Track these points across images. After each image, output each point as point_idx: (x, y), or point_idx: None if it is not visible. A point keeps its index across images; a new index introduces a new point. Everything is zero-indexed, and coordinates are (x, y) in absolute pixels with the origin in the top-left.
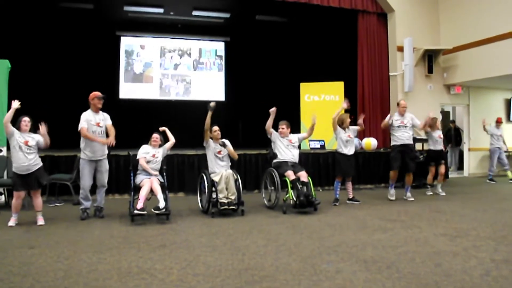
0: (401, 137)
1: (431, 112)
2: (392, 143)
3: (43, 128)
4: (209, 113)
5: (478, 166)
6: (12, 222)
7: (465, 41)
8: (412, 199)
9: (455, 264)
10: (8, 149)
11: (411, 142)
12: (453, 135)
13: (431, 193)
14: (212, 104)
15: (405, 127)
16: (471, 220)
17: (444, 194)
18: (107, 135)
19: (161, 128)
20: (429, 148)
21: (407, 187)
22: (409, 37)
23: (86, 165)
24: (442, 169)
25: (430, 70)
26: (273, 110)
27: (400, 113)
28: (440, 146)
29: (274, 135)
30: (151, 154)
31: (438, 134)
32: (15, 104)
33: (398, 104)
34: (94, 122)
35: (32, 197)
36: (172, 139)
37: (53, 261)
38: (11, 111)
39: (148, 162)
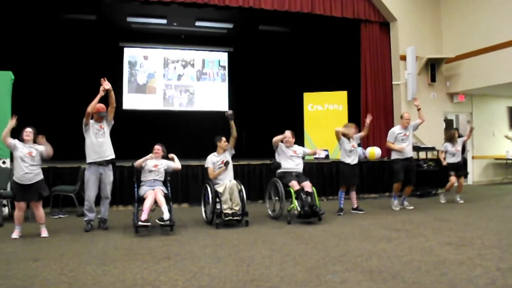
0: (405, 150)
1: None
2: (395, 156)
3: (42, 142)
4: (231, 122)
5: (482, 174)
6: (15, 234)
7: (467, 50)
8: (411, 207)
9: (460, 273)
10: (12, 160)
11: (412, 155)
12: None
13: (444, 201)
14: (229, 112)
15: (407, 139)
16: (476, 229)
17: (462, 202)
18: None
19: (170, 155)
20: (448, 162)
21: (404, 197)
22: (412, 46)
23: (92, 176)
24: (461, 180)
25: (433, 79)
26: (287, 133)
27: (403, 125)
28: (458, 158)
29: (280, 147)
30: (152, 164)
31: (455, 147)
32: (12, 121)
33: (401, 117)
34: (97, 126)
35: (34, 209)
36: (178, 165)
37: (58, 274)
38: (8, 128)
39: (150, 171)
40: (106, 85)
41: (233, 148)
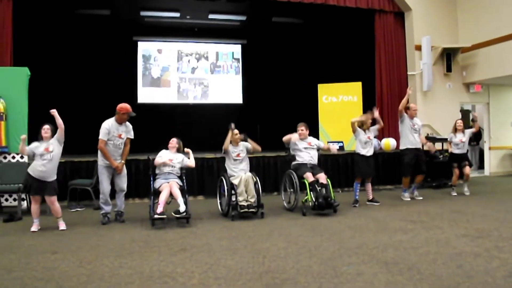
0: (414, 141)
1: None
2: (405, 146)
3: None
4: (229, 133)
5: (499, 165)
6: (34, 228)
7: (484, 39)
8: (420, 198)
9: (477, 266)
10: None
11: (421, 146)
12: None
13: (455, 194)
14: (232, 125)
15: (415, 131)
16: (493, 221)
17: (468, 193)
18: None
19: (186, 150)
20: (451, 152)
21: (414, 186)
22: (427, 36)
23: (104, 171)
24: (467, 169)
25: (448, 69)
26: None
27: (411, 116)
28: (463, 150)
29: (293, 141)
30: (167, 158)
31: (459, 138)
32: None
33: (408, 108)
34: (117, 134)
35: (49, 204)
36: (192, 163)
37: (76, 266)
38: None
39: (165, 165)
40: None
41: (243, 142)
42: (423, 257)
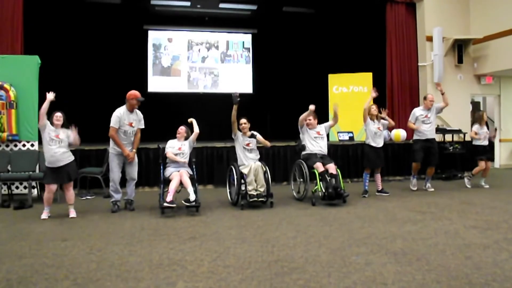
0: (425, 131)
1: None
2: (415, 137)
3: (74, 132)
4: (235, 106)
5: (510, 157)
6: (45, 215)
7: (496, 30)
8: (432, 189)
9: (486, 257)
10: (40, 143)
11: (434, 136)
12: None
13: (469, 186)
14: (235, 95)
15: (429, 122)
16: (503, 212)
17: (487, 186)
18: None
19: (189, 120)
20: (475, 144)
21: (427, 178)
22: (439, 27)
23: (115, 158)
24: (488, 164)
25: (460, 60)
26: (312, 108)
27: (426, 107)
28: (486, 142)
29: (304, 127)
30: (176, 147)
31: (485, 130)
32: (50, 95)
33: (425, 98)
34: (127, 122)
35: (64, 191)
36: (196, 130)
37: (86, 253)
38: (47, 103)
39: (175, 154)
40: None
41: (253, 132)
42: (432, 248)
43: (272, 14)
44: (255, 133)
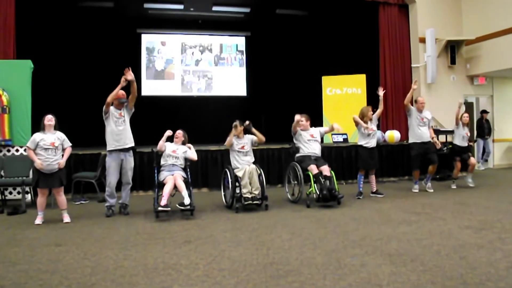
0: (421, 134)
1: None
2: (412, 140)
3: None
4: (233, 131)
5: (503, 157)
6: (38, 220)
7: (488, 31)
8: (432, 190)
9: (480, 257)
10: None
11: (430, 139)
12: (486, 126)
13: (455, 187)
14: (246, 123)
15: (424, 124)
16: (496, 212)
17: (473, 185)
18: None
19: (188, 145)
20: (454, 144)
21: (428, 177)
22: (431, 28)
23: (113, 162)
24: (472, 160)
25: (453, 61)
26: (297, 118)
27: (419, 109)
28: (465, 143)
29: (298, 132)
30: (171, 149)
31: (465, 131)
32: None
33: (415, 101)
34: (117, 114)
35: (55, 196)
36: (194, 156)
37: (80, 258)
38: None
39: (169, 156)
40: (129, 75)
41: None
42: (427, 249)
43: (265, 16)
44: (251, 127)
